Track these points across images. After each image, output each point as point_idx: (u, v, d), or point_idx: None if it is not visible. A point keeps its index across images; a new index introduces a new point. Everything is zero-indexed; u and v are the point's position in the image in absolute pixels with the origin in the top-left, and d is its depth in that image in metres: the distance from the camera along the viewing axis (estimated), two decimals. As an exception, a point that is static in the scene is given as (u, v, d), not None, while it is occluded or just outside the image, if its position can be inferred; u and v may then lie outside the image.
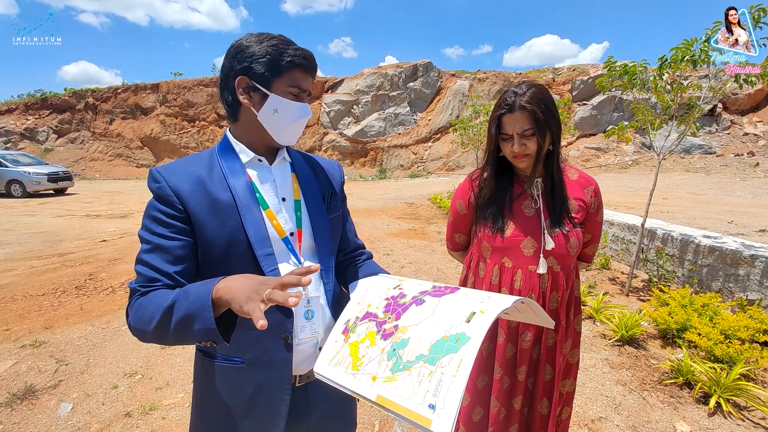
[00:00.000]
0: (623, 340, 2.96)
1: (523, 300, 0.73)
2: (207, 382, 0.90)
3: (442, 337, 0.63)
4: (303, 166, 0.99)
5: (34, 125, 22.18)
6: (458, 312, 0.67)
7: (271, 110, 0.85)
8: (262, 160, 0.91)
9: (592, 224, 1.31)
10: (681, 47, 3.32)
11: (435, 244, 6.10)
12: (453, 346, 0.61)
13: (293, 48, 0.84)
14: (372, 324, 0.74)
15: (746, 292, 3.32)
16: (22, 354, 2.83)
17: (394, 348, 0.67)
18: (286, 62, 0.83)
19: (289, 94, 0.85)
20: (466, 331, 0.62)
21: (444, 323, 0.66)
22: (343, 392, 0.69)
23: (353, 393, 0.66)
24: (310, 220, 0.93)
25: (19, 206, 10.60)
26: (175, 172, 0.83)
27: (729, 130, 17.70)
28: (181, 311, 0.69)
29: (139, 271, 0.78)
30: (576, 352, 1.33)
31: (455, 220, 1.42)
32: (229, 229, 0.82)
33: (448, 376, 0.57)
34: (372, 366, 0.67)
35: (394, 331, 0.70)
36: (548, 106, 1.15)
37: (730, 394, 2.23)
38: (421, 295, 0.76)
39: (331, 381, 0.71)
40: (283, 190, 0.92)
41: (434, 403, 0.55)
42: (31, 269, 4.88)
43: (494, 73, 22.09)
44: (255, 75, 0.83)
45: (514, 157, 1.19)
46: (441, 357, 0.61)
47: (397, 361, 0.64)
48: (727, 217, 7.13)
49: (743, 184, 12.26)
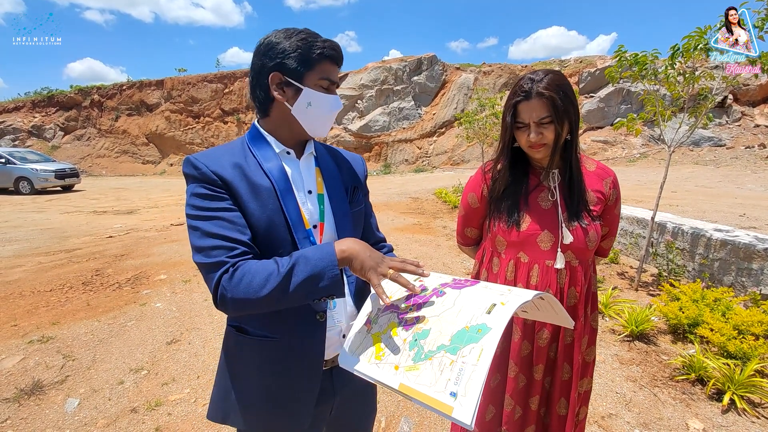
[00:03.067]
0: (633, 336, 2.91)
1: (543, 295, 0.73)
2: (241, 356, 0.93)
3: (463, 328, 0.65)
4: (327, 160, 1.01)
5: (41, 123, 22.34)
6: (479, 303, 0.69)
7: (305, 104, 0.87)
8: (290, 153, 0.93)
9: (610, 217, 1.26)
10: (694, 35, 3.22)
11: (440, 238, 6.06)
12: (474, 337, 0.63)
13: (321, 40, 0.86)
14: (393, 315, 0.76)
15: (760, 286, 3.25)
16: (30, 349, 2.85)
17: (416, 338, 0.69)
18: (316, 55, 0.85)
19: (320, 86, 0.87)
20: (487, 322, 0.64)
21: (465, 314, 0.68)
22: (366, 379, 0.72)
23: (377, 381, 0.68)
24: (333, 213, 0.95)
25: (27, 203, 10.70)
26: (213, 158, 0.85)
27: (740, 121, 17.37)
28: (305, 272, 0.75)
29: (213, 244, 0.78)
30: (592, 349, 1.29)
31: (467, 213, 1.37)
32: (269, 212, 0.85)
33: (469, 365, 0.59)
34: (394, 356, 0.69)
35: (416, 322, 0.72)
36: (567, 93, 1.09)
37: (744, 390, 2.18)
38: (442, 287, 0.77)
39: (356, 371, 0.74)
40: (308, 182, 0.94)
41: (456, 391, 0.57)
42: (38, 265, 4.92)
43: (499, 66, 21.83)
44: (288, 70, 0.85)
45: (530, 147, 1.13)
46: (462, 347, 0.62)
47: (419, 351, 0.66)
48: (738, 210, 7.01)
49: (754, 177, 12.04)
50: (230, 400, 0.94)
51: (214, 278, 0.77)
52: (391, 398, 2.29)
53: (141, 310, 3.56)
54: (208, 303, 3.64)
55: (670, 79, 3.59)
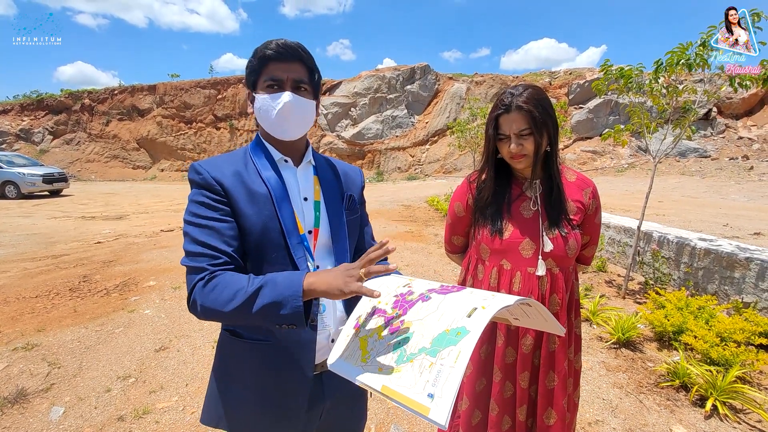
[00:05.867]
0: (620, 343, 2.96)
1: (528, 301, 0.75)
2: (235, 359, 0.95)
3: (443, 331, 0.67)
4: (326, 169, 1.04)
5: (29, 126, 22.03)
6: (461, 308, 0.71)
7: (258, 109, 0.91)
8: (288, 161, 0.97)
9: (590, 226, 1.31)
10: (676, 51, 3.34)
11: (432, 246, 6.09)
12: (453, 339, 0.65)
13: (271, 44, 0.88)
14: (380, 319, 0.79)
15: (742, 294, 3.33)
16: (14, 357, 2.79)
17: (400, 342, 0.71)
18: (258, 60, 0.89)
19: (267, 88, 0.90)
20: (466, 325, 0.66)
21: (446, 318, 0.70)
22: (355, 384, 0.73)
23: (362, 384, 0.70)
24: (328, 220, 0.98)
25: (13, 208, 10.51)
26: (215, 166, 0.89)
27: (724, 133, 17.83)
28: (269, 297, 0.75)
29: (199, 251, 0.82)
30: (579, 356, 1.32)
31: (453, 222, 1.41)
32: (264, 217, 0.88)
33: (446, 367, 0.61)
34: (379, 359, 0.71)
35: (400, 326, 0.74)
36: (545, 107, 1.15)
37: (726, 396, 2.23)
38: (428, 293, 0.80)
39: (343, 373, 0.75)
40: (305, 190, 0.97)
41: (433, 393, 0.59)
42: (24, 271, 4.83)
43: (491, 76, 22.16)
44: (249, 83, 0.92)
45: (512, 157, 1.18)
46: (441, 349, 0.64)
47: (402, 353, 0.68)
48: (722, 220, 7.17)
49: (738, 188, 12.35)
50: (223, 404, 0.96)
51: (192, 282, 0.81)
52: (381, 405, 2.30)
53: (129, 316, 3.52)
54: (198, 310, 3.61)
55: (654, 93, 3.71)
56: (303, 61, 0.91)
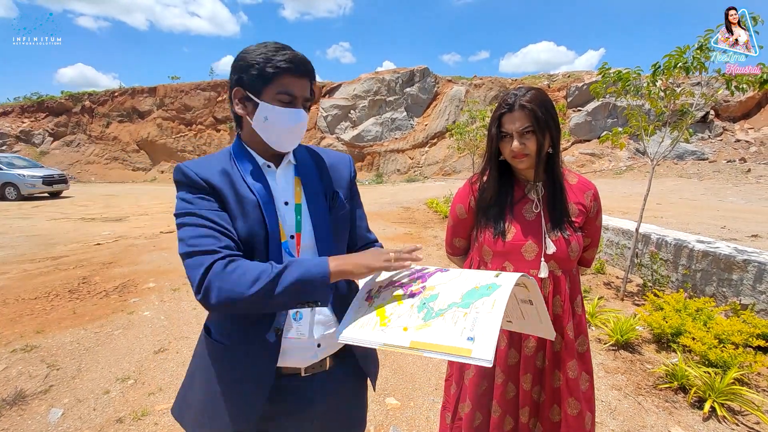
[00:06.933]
0: (618, 345, 2.97)
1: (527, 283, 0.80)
2: (203, 356, 0.95)
3: (473, 287, 0.71)
4: (308, 166, 0.99)
5: (29, 128, 22.02)
6: (484, 273, 0.76)
7: (262, 118, 0.87)
8: (270, 166, 0.94)
9: (591, 228, 1.31)
10: (674, 54, 3.36)
11: (431, 248, 6.10)
12: (485, 292, 0.68)
13: (282, 53, 0.84)
14: (397, 289, 0.81)
15: (739, 296, 3.34)
16: (13, 359, 2.79)
17: (424, 302, 0.73)
18: (273, 69, 0.84)
19: (279, 101, 0.86)
20: (496, 281, 0.70)
21: (472, 279, 0.74)
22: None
23: (385, 345, 0.70)
24: (311, 223, 0.94)
25: (13, 209, 10.50)
26: (202, 166, 0.87)
27: (721, 136, 17.88)
28: (295, 274, 0.76)
29: (204, 233, 0.79)
30: (584, 340, 1.29)
31: (455, 224, 1.41)
32: (251, 222, 0.86)
33: (483, 314, 0.64)
34: (402, 320, 0.72)
35: (422, 290, 0.76)
36: (547, 108, 1.17)
37: (724, 398, 2.24)
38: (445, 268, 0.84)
39: (358, 340, 0.75)
40: (286, 194, 0.94)
41: (473, 336, 0.62)
42: (24, 272, 4.83)
43: (490, 79, 22.22)
44: (246, 85, 0.86)
45: (514, 157, 1.19)
46: (474, 301, 0.67)
47: (429, 311, 0.70)
48: (720, 222, 7.19)
49: (735, 190, 12.38)
50: (183, 398, 0.98)
51: (204, 264, 0.75)
52: (379, 408, 2.30)
53: (128, 318, 3.52)
54: (197, 311, 3.61)
55: (652, 96, 3.73)
56: (311, 78, 0.90)
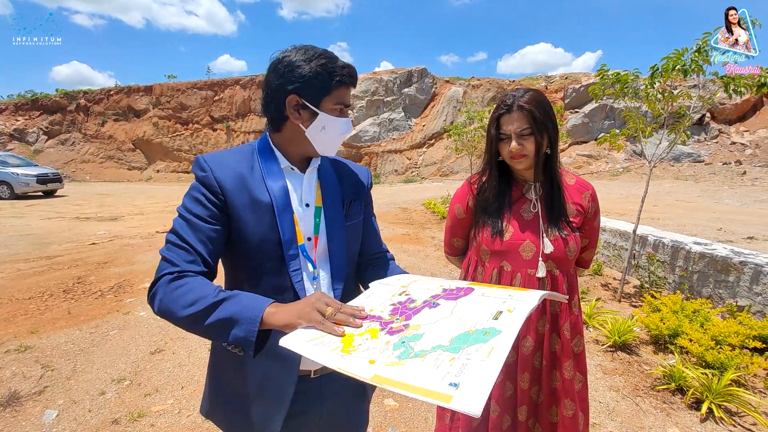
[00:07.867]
0: (616, 346, 2.97)
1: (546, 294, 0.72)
2: (223, 354, 0.95)
3: (466, 331, 0.63)
4: (329, 172, 1.02)
5: (23, 126, 21.85)
6: (482, 311, 0.67)
7: (320, 127, 0.89)
8: (294, 169, 0.95)
9: (589, 229, 1.32)
10: (672, 57, 3.37)
11: (429, 249, 6.10)
12: (481, 338, 0.61)
13: (340, 66, 0.88)
14: (375, 323, 0.73)
15: (736, 298, 3.36)
16: (7, 359, 2.76)
17: (404, 341, 0.65)
18: (335, 81, 0.87)
19: (335, 110, 0.90)
20: (495, 326, 0.63)
21: (467, 321, 0.66)
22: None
23: (340, 369, 0.62)
24: (326, 227, 0.96)
25: (6, 208, 10.40)
26: (220, 164, 0.88)
27: (717, 139, 18.02)
28: (227, 312, 0.73)
29: (177, 243, 0.82)
30: (580, 340, 1.29)
31: (453, 224, 1.42)
32: (264, 227, 0.87)
33: (475, 361, 0.57)
34: (370, 353, 0.65)
35: (404, 329, 0.69)
36: (546, 109, 1.17)
37: (721, 399, 2.25)
38: (434, 299, 0.75)
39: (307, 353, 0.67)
40: (308, 196, 0.96)
41: (457, 383, 0.54)
42: (17, 272, 4.78)
43: (488, 80, 22.28)
44: (306, 95, 0.87)
45: (512, 158, 1.20)
46: (466, 347, 0.60)
47: (407, 350, 0.63)
48: (716, 224, 7.24)
49: (731, 192, 12.46)
50: (211, 396, 0.99)
51: (160, 272, 0.80)
52: (378, 409, 2.29)
53: (124, 318, 3.49)
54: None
55: (650, 98, 3.74)
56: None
